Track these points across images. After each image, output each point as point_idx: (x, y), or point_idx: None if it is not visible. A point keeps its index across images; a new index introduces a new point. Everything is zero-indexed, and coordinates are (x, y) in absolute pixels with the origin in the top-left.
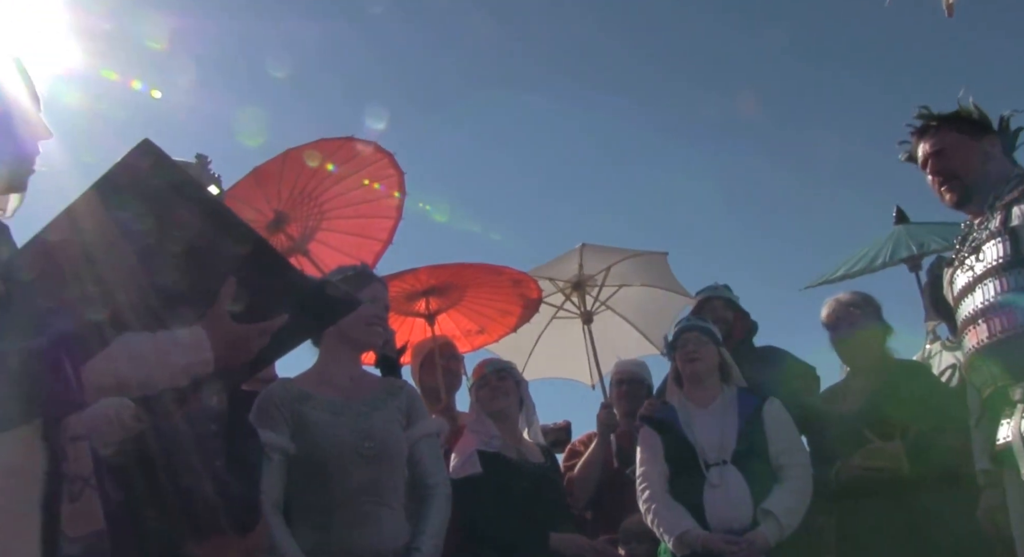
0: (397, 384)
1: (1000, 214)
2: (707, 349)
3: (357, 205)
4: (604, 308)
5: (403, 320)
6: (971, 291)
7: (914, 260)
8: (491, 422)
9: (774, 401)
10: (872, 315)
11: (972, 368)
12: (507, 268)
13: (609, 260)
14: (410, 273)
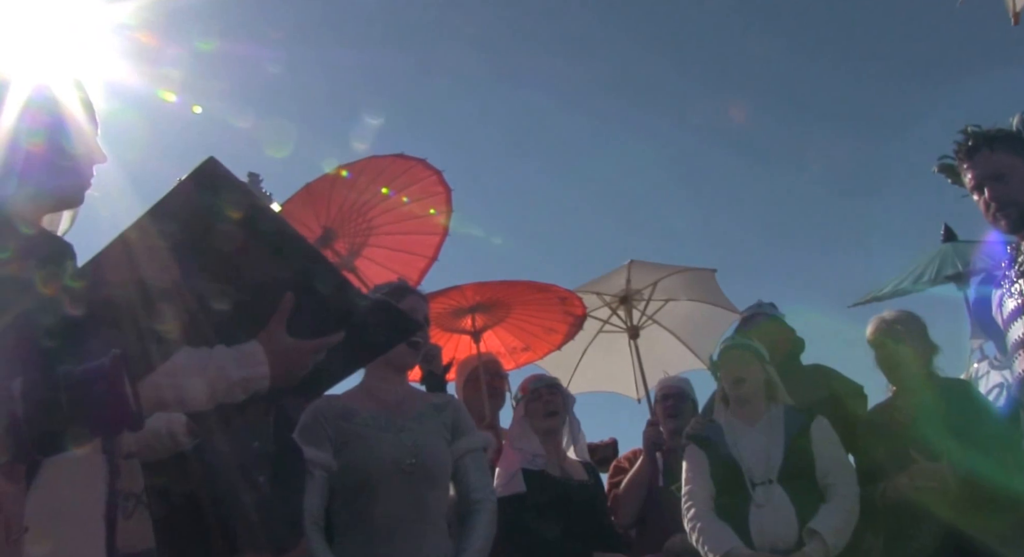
0: (443, 399)
1: None
2: (752, 368)
3: (403, 222)
4: (651, 322)
5: (449, 336)
6: (1021, 314)
7: (961, 278)
8: (537, 438)
9: (821, 420)
10: (917, 333)
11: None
12: (553, 286)
13: (657, 275)
14: (456, 290)
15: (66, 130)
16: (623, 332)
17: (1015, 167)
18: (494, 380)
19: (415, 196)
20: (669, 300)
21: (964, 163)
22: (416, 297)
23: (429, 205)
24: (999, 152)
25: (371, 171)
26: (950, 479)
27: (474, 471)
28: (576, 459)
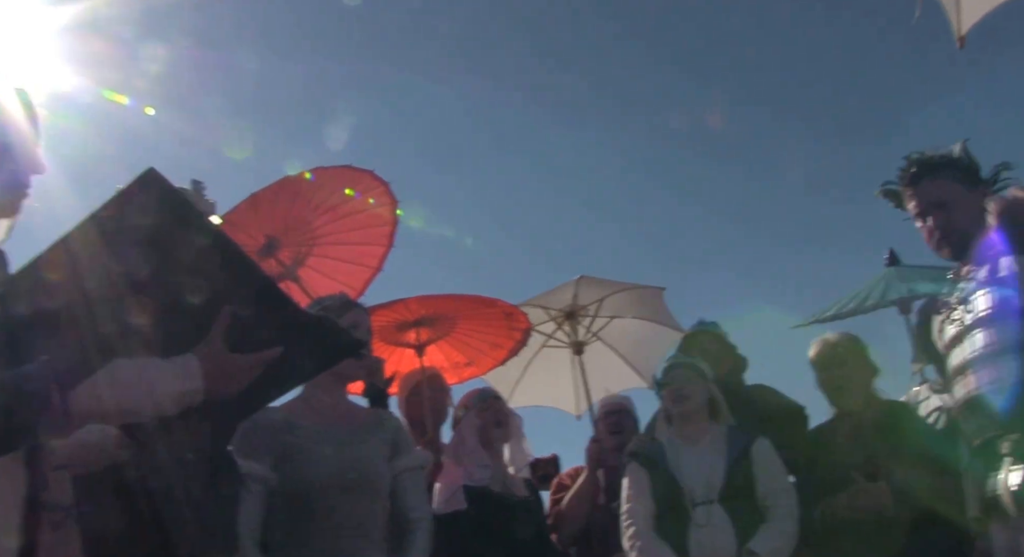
0: (383, 415)
1: (988, 264)
2: (696, 387)
3: (349, 232)
4: (595, 339)
5: (392, 350)
6: (960, 341)
7: (904, 302)
8: (481, 452)
9: (763, 440)
10: (859, 355)
11: (962, 418)
12: (499, 301)
13: (604, 292)
14: (401, 303)
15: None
16: (567, 347)
17: (958, 195)
18: (437, 395)
19: (360, 208)
20: (615, 317)
21: (908, 190)
22: (358, 311)
23: (374, 217)
24: (942, 180)
25: (318, 179)
26: (888, 501)
27: (412, 490)
28: (518, 475)
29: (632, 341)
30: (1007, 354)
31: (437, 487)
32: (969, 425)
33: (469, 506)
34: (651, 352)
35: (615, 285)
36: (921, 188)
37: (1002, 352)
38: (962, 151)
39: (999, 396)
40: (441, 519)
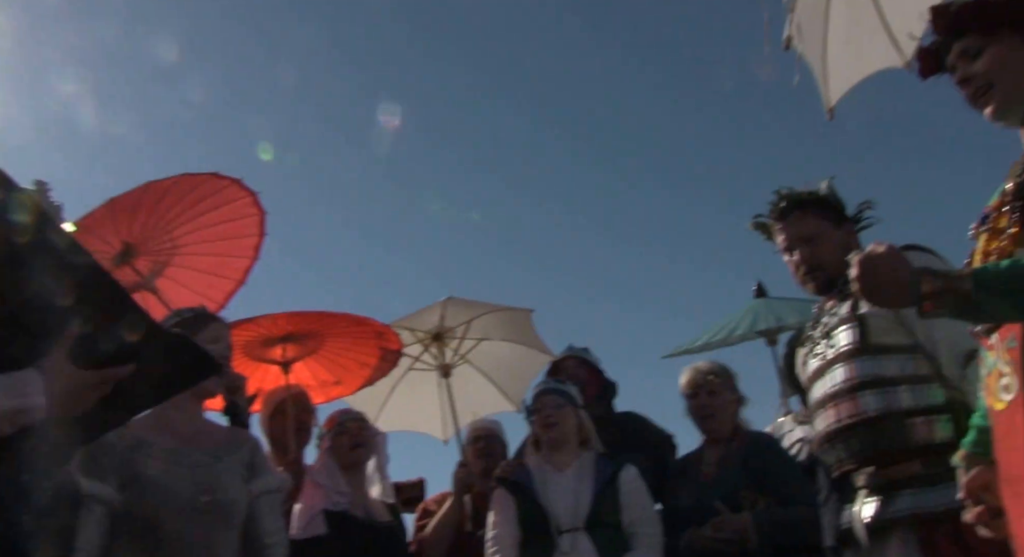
0: (241, 435)
1: (850, 300)
2: (565, 412)
3: (213, 243)
4: (463, 362)
5: (257, 366)
6: (822, 375)
7: (771, 334)
8: (341, 476)
9: (630, 468)
10: (728, 385)
11: (821, 450)
12: (370, 319)
13: (472, 313)
14: (267, 318)
15: None
16: (434, 370)
17: (824, 231)
18: (302, 414)
19: (226, 217)
20: (483, 339)
21: (777, 223)
22: (218, 325)
23: (240, 227)
24: (810, 215)
25: (182, 187)
26: (750, 531)
27: (268, 514)
28: (380, 499)
29: (501, 364)
30: (865, 389)
31: (296, 511)
32: (828, 457)
33: (329, 531)
34: (520, 376)
35: (483, 306)
36: (789, 222)
37: (861, 387)
38: (828, 188)
39: (856, 430)
40: (299, 544)
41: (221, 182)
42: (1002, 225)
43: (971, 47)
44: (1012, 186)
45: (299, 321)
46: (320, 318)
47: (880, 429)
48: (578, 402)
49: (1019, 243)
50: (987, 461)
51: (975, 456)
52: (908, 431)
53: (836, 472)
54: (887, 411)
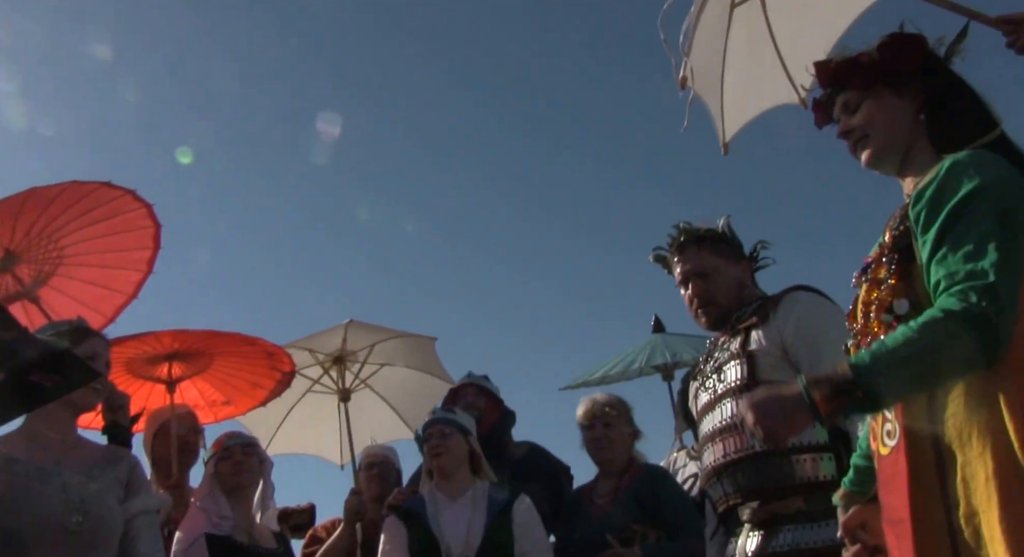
0: (118, 452)
1: (740, 337)
2: (453, 441)
3: (103, 254)
4: (364, 386)
5: (142, 384)
6: (711, 409)
7: (667, 369)
8: (225, 500)
9: (524, 499)
10: (624, 417)
11: (708, 484)
12: (261, 339)
13: (375, 338)
14: (152, 335)
15: None
16: (333, 394)
17: (718, 267)
18: (188, 435)
19: (118, 229)
20: (385, 364)
21: (675, 257)
22: (97, 340)
23: (133, 239)
24: (705, 251)
25: (71, 195)
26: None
27: (145, 535)
28: (265, 526)
29: (402, 390)
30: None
31: (177, 535)
32: (714, 491)
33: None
34: (421, 403)
35: (386, 332)
36: (685, 257)
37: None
38: (725, 226)
39: (742, 465)
40: None
41: (114, 192)
42: (881, 276)
43: (851, 101)
44: (889, 238)
45: (186, 339)
46: (208, 337)
47: (765, 465)
48: (469, 430)
49: (897, 294)
50: (865, 500)
51: (854, 495)
52: (792, 468)
53: (722, 506)
54: (773, 447)
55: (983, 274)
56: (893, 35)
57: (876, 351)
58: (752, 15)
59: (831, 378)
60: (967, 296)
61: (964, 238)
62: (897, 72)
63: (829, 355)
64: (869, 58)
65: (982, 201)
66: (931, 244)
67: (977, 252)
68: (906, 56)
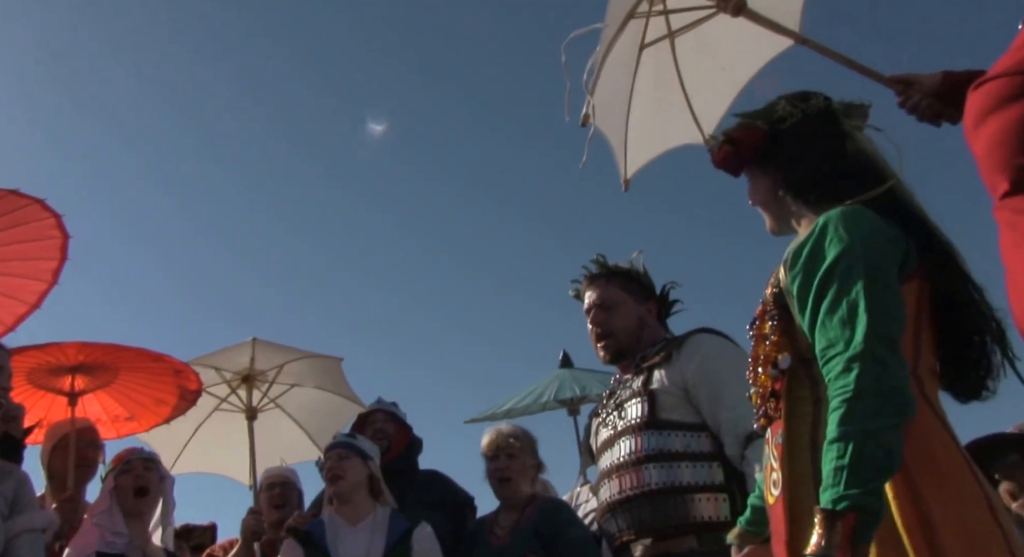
0: (5, 468)
1: (644, 375)
2: (351, 464)
3: (6, 262)
4: (273, 406)
5: (43, 395)
6: (611, 446)
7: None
8: (121, 517)
9: (425, 527)
10: (528, 449)
11: (603, 519)
12: (167, 356)
13: (284, 358)
14: (56, 346)
15: None
16: (241, 412)
17: (622, 302)
18: (87, 449)
19: (24, 237)
20: (295, 385)
21: (586, 289)
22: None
23: (39, 249)
24: (614, 285)
25: None
26: None
27: (27, 554)
28: (160, 545)
29: (312, 411)
30: (650, 462)
31: (67, 552)
32: (609, 526)
33: None
34: (331, 424)
35: (293, 351)
36: (593, 288)
37: (646, 460)
38: (637, 264)
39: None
40: None
41: (21, 200)
42: (766, 331)
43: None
44: (770, 294)
45: (91, 352)
46: (114, 351)
47: (661, 502)
48: (369, 455)
49: (781, 349)
50: (760, 540)
51: (748, 534)
52: (687, 506)
53: (616, 542)
54: (669, 485)
55: (861, 340)
56: (728, 134)
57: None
58: (660, 57)
59: (832, 540)
60: (850, 367)
61: (837, 304)
62: (748, 157)
63: (730, 397)
64: (724, 152)
65: (850, 264)
66: (810, 312)
67: (851, 317)
68: (744, 149)
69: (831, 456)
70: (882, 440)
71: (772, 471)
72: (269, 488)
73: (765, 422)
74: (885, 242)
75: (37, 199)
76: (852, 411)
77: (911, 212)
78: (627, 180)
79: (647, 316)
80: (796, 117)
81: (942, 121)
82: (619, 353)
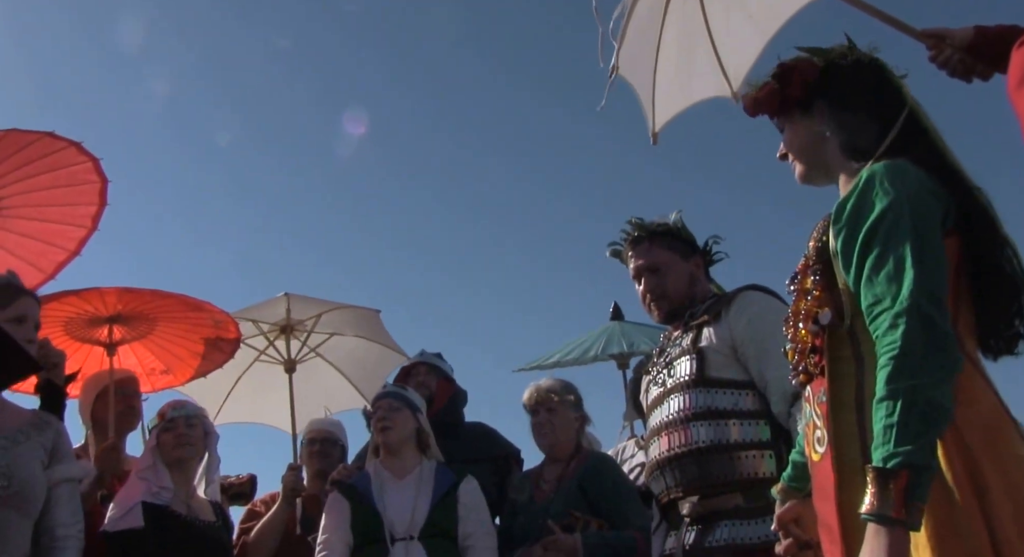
0: (44, 418)
1: (693, 333)
2: (401, 416)
3: (43, 207)
4: (313, 355)
5: (80, 346)
6: (660, 403)
7: (623, 358)
8: (166, 471)
9: (471, 480)
10: (570, 403)
11: (652, 477)
12: (209, 304)
13: (320, 308)
14: (96, 292)
15: None
16: (281, 364)
17: (670, 262)
18: (131, 400)
19: (61, 182)
20: (334, 334)
21: (629, 252)
22: (27, 300)
23: (77, 194)
24: (657, 246)
25: (10, 144)
26: (580, 553)
27: (65, 504)
28: (205, 498)
29: (354, 360)
30: (698, 420)
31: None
32: (657, 485)
33: (147, 524)
34: (374, 373)
35: (329, 303)
36: (638, 252)
37: (694, 418)
38: (677, 221)
39: (685, 460)
40: (114, 537)
41: (57, 143)
42: (807, 286)
43: (778, 124)
44: (813, 249)
45: (130, 300)
46: (155, 298)
47: (708, 460)
48: (418, 407)
49: (822, 305)
50: (802, 495)
51: (790, 490)
52: (735, 464)
53: (664, 500)
54: (716, 443)
55: (907, 296)
56: (782, 65)
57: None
58: (688, 8)
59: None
60: (896, 323)
61: (883, 260)
62: (796, 97)
63: (777, 355)
64: (768, 89)
65: (896, 219)
66: (855, 267)
67: (897, 273)
68: (795, 84)
69: (881, 414)
70: (932, 396)
71: (816, 429)
72: (310, 443)
73: (805, 379)
74: (930, 197)
75: (73, 142)
76: (900, 368)
77: (951, 168)
78: (655, 133)
79: (695, 271)
80: (853, 58)
81: (973, 77)
82: (673, 313)
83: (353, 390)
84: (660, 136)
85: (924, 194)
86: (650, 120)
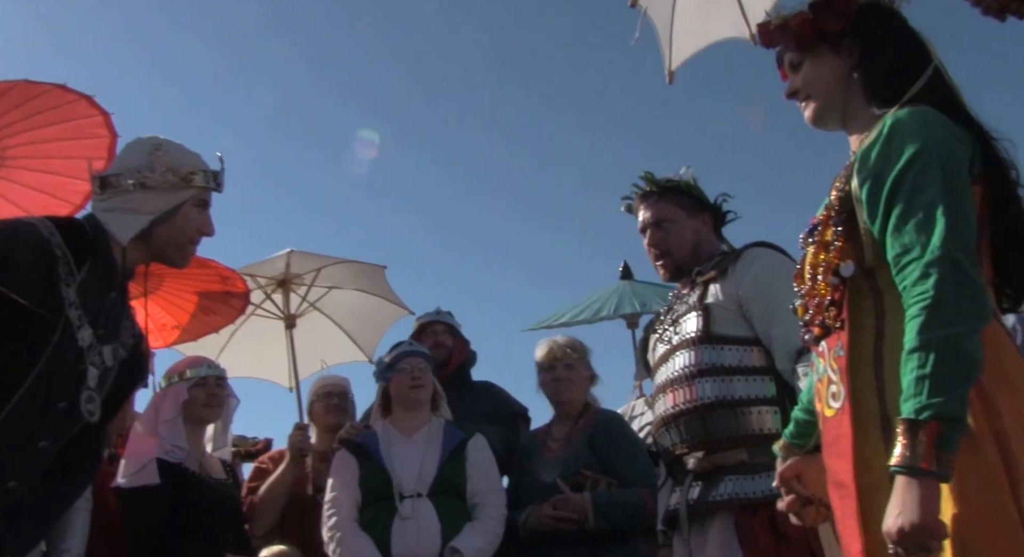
0: None
1: (700, 290)
2: (429, 376)
3: (50, 159)
4: (312, 309)
5: None
6: (666, 360)
7: (633, 318)
8: (182, 429)
9: (479, 439)
10: (584, 361)
11: (658, 434)
12: (213, 261)
13: (321, 262)
14: None
15: None
16: (280, 320)
17: (675, 217)
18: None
19: (70, 135)
20: (334, 287)
21: (638, 205)
22: None
23: (85, 147)
24: (666, 201)
25: (20, 94)
26: (589, 512)
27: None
28: (216, 456)
29: (353, 313)
30: (704, 376)
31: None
32: (663, 440)
33: (163, 482)
34: (373, 326)
35: (332, 258)
36: (646, 205)
37: (699, 374)
38: (687, 176)
39: (690, 416)
40: (127, 493)
41: (68, 95)
42: (828, 238)
43: (794, 59)
44: (835, 198)
45: None
46: None
47: (713, 416)
48: (430, 366)
49: (844, 256)
50: (803, 452)
51: (792, 446)
52: (739, 420)
53: (670, 455)
54: (722, 399)
55: (939, 245)
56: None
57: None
58: None
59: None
60: (928, 272)
61: (911, 208)
62: (829, 31)
63: (782, 313)
64: (801, 19)
65: (924, 166)
66: (881, 216)
67: (927, 221)
68: (833, 15)
69: (912, 366)
70: (965, 346)
71: (831, 384)
72: (327, 397)
73: (820, 332)
74: (958, 144)
75: (85, 95)
76: (933, 318)
77: (973, 118)
78: (672, 72)
79: (703, 228)
80: (889, 3)
81: (1007, 15)
82: (678, 270)
83: (350, 343)
84: (676, 75)
85: (952, 141)
86: (667, 58)
